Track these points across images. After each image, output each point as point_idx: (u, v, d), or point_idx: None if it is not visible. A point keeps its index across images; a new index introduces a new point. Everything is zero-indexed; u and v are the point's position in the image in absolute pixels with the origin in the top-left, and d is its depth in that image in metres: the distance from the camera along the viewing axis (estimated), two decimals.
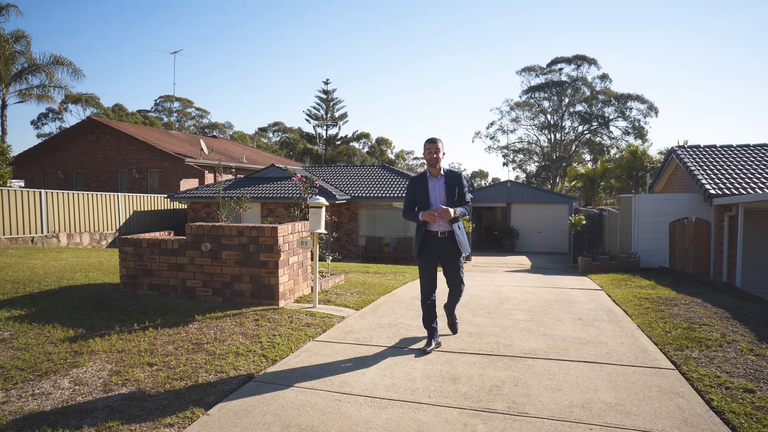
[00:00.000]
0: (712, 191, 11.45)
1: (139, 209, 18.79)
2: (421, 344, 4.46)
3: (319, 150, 44.78)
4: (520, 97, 48.45)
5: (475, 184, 49.27)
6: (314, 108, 44.90)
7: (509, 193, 24.69)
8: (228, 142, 35.22)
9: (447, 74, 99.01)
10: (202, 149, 23.87)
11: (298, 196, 8.39)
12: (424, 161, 4.47)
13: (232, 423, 2.99)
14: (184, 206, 20.56)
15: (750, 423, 2.95)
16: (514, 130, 50.48)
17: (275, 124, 60.99)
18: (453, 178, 4.27)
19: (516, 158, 50.74)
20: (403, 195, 17.46)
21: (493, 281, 9.02)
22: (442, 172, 4.29)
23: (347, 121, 47.01)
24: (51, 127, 50.94)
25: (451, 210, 4.13)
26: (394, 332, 4.89)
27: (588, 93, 46.22)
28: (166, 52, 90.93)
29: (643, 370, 3.88)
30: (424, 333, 4.81)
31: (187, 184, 22.46)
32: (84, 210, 16.17)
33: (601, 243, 16.85)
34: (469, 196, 4.35)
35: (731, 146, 14.34)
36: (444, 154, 4.24)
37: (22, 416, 3.02)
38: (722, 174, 12.43)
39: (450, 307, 4.69)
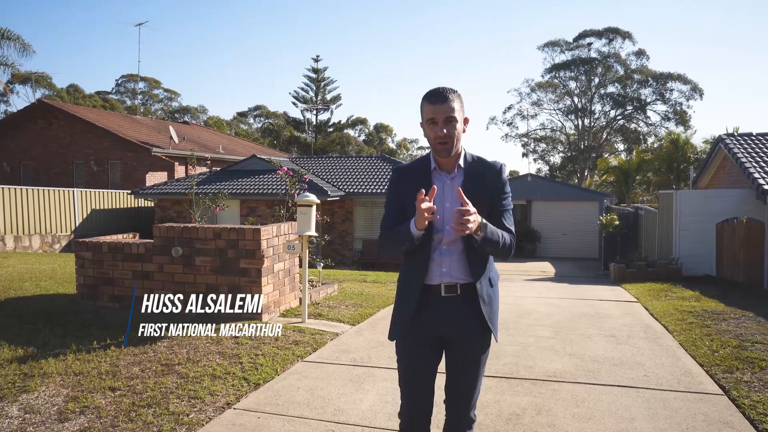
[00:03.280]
0: (767, 186, 11.46)
1: (98, 207, 18.79)
2: None
3: (308, 138, 44.80)
4: (543, 76, 48.47)
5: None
6: (302, 89, 44.96)
7: (530, 189, 24.70)
8: (202, 129, 35.24)
9: (457, 50, 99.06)
10: (171, 137, 23.87)
11: (284, 192, 8.41)
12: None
13: None
14: (150, 204, 20.57)
15: None
16: (536, 115, 50.56)
17: (257, 108, 61.02)
18: (485, 176, 2.38)
19: (537, 148, 50.76)
20: None
21: (511, 292, 9.04)
22: (462, 163, 2.38)
23: (341, 104, 47.22)
24: None
25: (475, 217, 2.14)
26: None
27: (621, 72, 46.26)
28: (129, 24, 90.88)
29: (687, 395, 3.89)
30: None
31: (155, 178, 22.45)
32: (34, 208, 16.17)
33: (637, 247, 16.88)
34: (510, 216, 2.45)
35: None
36: (467, 121, 2.36)
37: None
38: None
39: None
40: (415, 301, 2.36)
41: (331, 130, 46.80)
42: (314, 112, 45.55)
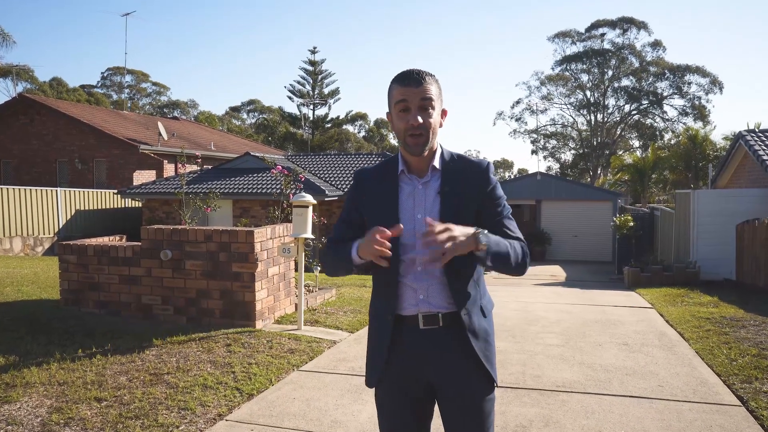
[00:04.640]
0: None
1: (83, 208, 18.83)
2: None
3: (305, 134, 44.87)
4: (553, 69, 48.58)
5: (497, 177, 49.32)
6: (298, 83, 45.01)
7: (539, 188, 24.72)
8: (192, 125, 35.29)
9: (462, 42, 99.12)
10: (160, 134, 23.92)
11: (278, 192, 8.45)
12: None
13: None
14: (138, 204, 20.61)
15: None
16: (546, 110, 50.71)
17: (250, 102, 61.15)
18: (468, 178, 2.01)
19: (547, 144, 50.83)
20: None
21: (518, 297, 9.06)
22: (437, 163, 2.01)
23: (339, 98, 47.13)
24: None
25: (458, 230, 1.78)
26: None
27: (636, 64, 46.30)
28: (115, 13, 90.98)
29: (702, 406, 3.91)
30: None
31: (142, 176, 22.50)
32: (15, 209, 16.21)
33: (653, 249, 16.90)
34: (512, 222, 2.05)
35: None
36: (445, 114, 2.03)
37: None
38: None
39: None
40: (388, 339, 1.99)
41: (329, 125, 46.82)
42: (311, 106, 45.63)
